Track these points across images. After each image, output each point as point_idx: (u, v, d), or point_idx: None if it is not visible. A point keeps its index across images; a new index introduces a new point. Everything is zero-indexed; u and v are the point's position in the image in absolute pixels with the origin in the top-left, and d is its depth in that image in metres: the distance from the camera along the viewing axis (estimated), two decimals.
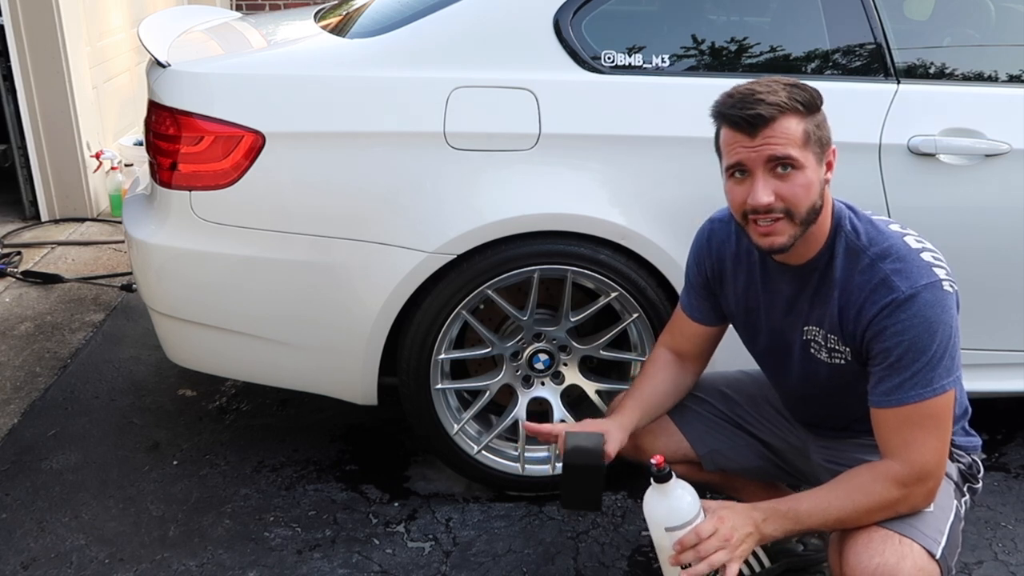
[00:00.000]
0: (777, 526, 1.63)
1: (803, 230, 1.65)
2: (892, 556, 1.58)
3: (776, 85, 1.62)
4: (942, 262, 1.64)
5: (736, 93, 1.63)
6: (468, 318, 2.34)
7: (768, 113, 1.58)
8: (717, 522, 1.59)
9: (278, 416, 2.93)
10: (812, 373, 1.81)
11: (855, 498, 1.62)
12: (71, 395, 3.04)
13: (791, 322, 1.79)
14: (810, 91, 1.63)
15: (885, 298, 1.61)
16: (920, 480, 1.61)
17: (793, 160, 1.59)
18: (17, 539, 2.35)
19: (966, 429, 1.84)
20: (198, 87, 2.28)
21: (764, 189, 1.61)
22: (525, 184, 2.25)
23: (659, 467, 1.62)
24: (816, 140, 1.62)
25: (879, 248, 1.65)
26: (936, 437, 1.61)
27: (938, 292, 1.59)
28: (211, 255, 2.32)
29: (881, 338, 1.62)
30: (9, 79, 4.44)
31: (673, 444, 2.03)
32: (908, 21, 2.54)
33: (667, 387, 2.00)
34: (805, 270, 1.73)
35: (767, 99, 1.58)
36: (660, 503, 1.64)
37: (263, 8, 6.65)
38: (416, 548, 2.34)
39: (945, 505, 1.70)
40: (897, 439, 1.62)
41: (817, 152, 1.63)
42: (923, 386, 1.59)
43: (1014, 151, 2.32)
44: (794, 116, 1.60)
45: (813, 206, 1.63)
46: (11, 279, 3.92)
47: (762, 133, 1.59)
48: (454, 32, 2.30)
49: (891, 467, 1.62)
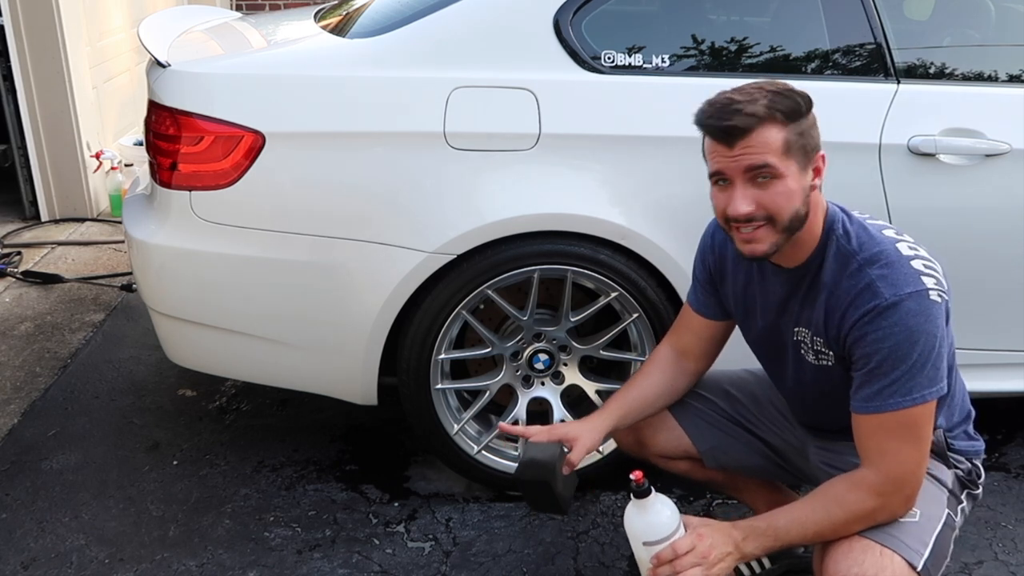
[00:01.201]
0: (757, 544, 1.62)
1: (786, 237, 1.65)
2: (871, 567, 1.57)
3: (758, 92, 1.60)
4: (934, 271, 1.62)
5: (716, 102, 1.62)
6: (468, 318, 2.34)
7: (744, 124, 1.57)
8: (696, 539, 1.59)
9: (278, 416, 2.93)
10: (802, 374, 1.81)
11: (831, 510, 1.61)
12: (71, 395, 3.04)
13: (784, 323, 1.80)
14: (795, 98, 1.60)
15: (868, 303, 1.59)
16: (896, 488, 1.60)
17: (772, 169, 1.59)
18: (17, 539, 2.35)
19: (969, 433, 1.82)
20: (198, 87, 2.28)
21: (743, 198, 1.61)
22: (525, 184, 2.25)
23: (638, 483, 1.62)
24: (799, 148, 1.60)
25: (868, 253, 1.64)
26: (913, 446, 1.60)
27: (923, 301, 1.57)
28: (211, 255, 2.32)
29: (862, 343, 1.61)
30: (9, 79, 4.44)
31: (674, 440, 2.04)
32: (908, 21, 2.54)
33: (659, 388, 2.00)
34: (797, 273, 1.73)
35: (744, 109, 1.57)
36: (639, 517, 1.65)
37: (263, 8, 6.65)
38: (416, 548, 2.34)
39: (933, 515, 1.68)
40: (873, 446, 1.62)
41: (800, 160, 1.61)
42: (902, 395, 1.58)
43: (1014, 151, 2.32)
44: (773, 125, 1.58)
45: (796, 214, 1.62)
46: (11, 279, 3.92)
47: (740, 144, 1.58)
48: (454, 32, 2.30)
49: (866, 476, 1.62)
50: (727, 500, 2.49)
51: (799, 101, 1.60)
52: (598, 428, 1.90)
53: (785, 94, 1.60)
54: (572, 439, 1.86)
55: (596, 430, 1.89)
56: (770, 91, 1.60)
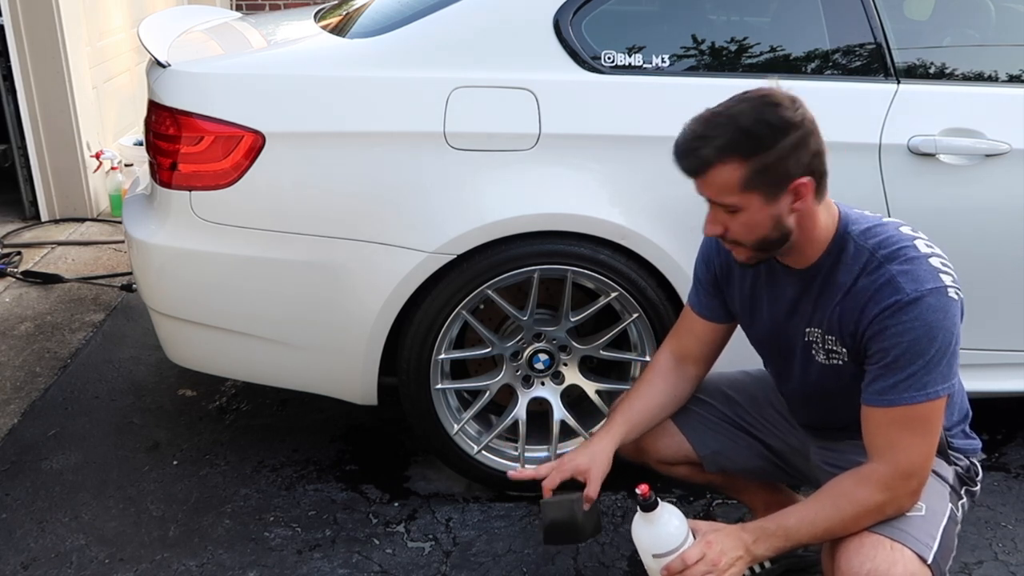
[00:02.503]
0: (768, 545, 1.63)
1: (763, 255, 1.69)
2: (883, 562, 1.58)
3: (725, 124, 1.57)
4: (949, 269, 1.64)
5: (684, 132, 1.62)
6: (468, 318, 2.34)
7: (696, 167, 1.61)
8: (704, 547, 1.60)
9: (278, 416, 2.93)
10: (809, 374, 1.81)
11: (840, 506, 1.62)
12: (71, 395, 3.04)
13: (795, 324, 1.79)
14: (762, 130, 1.56)
15: (889, 298, 1.60)
16: (904, 480, 1.61)
17: (729, 205, 1.62)
18: (17, 539, 2.35)
19: (966, 432, 1.84)
20: (198, 87, 2.28)
21: (711, 223, 1.68)
22: (525, 184, 2.25)
23: (644, 496, 1.62)
24: (761, 181, 1.59)
25: (888, 250, 1.65)
26: (923, 440, 1.62)
27: (943, 298, 1.59)
28: (211, 255, 2.31)
29: (881, 337, 1.62)
30: (9, 79, 4.43)
31: (675, 445, 2.04)
32: (908, 21, 2.54)
33: (662, 398, 1.99)
34: (808, 274, 1.73)
35: (700, 149, 1.58)
36: (647, 530, 1.65)
37: (263, 8, 6.65)
38: (416, 548, 2.34)
39: (938, 509, 1.69)
40: (883, 439, 1.63)
41: (766, 191, 1.60)
42: (916, 389, 1.59)
43: (1014, 151, 2.32)
44: (730, 163, 1.58)
45: (763, 238, 1.65)
46: (11, 279, 3.92)
47: (698, 180, 1.63)
48: (454, 32, 2.30)
49: (875, 469, 1.63)
50: (727, 500, 2.49)
51: (763, 135, 1.56)
52: (606, 451, 1.89)
53: (749, 129, 1.56)
54: (584, 472, 1.85)
55: (604, 453, 1.88)
56: (738, 127, 1.57)
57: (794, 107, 1.58)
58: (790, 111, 1.57)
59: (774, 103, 1.58)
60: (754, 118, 1.57)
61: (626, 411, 1.97)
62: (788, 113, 1.57)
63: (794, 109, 1.58)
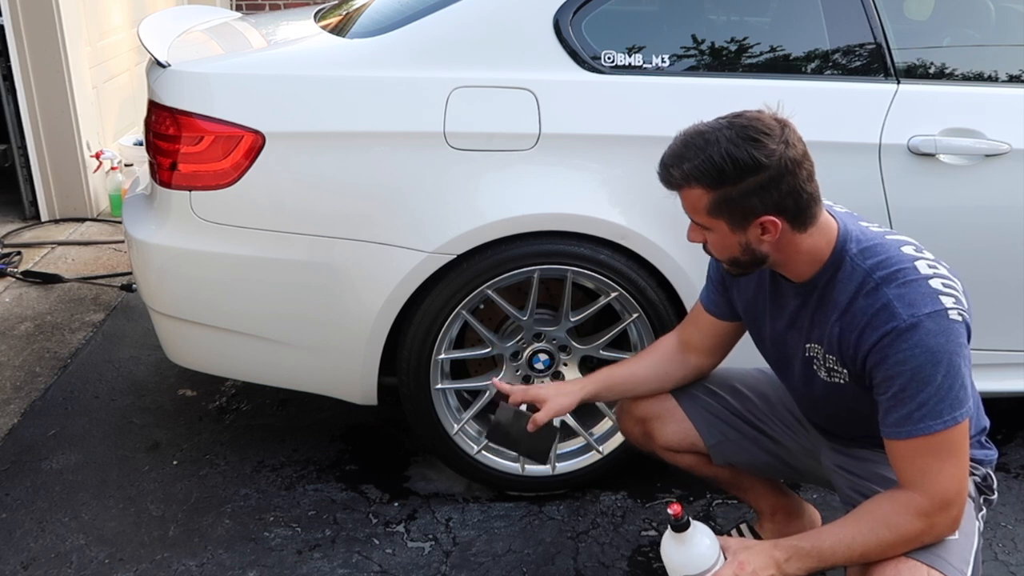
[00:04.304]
0: (800, 565, 1.59)
1: (741, 271, 1.73)
2: None
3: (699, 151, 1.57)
4: (953, 290, 1.58)
5: (671, 144, 1.65)
6: (468, 318, 2.34)
7: (668, 183, 1.65)
8: (737, 568, 1.56)
9: (278, 416, 2.93)
10: (815, 388, 1.80)
11: (879, 532, 1.58)
12: (71, 395, 3.04)
13: (794, 336, 1.78)
14: (727, 166, 1.55)
15: (886, 325, 1.56)
16: (943, 509, 1.57)
17: (700, 223, 1.66)
18: (17, 539, 2.35)
19: (983, 443, 1.80)
20: (198, 87, 2.28)
21: (692, 231, 1.71)
22: (525, 184, 2.25)
23: (677, 517, 1.58)
24: (726, 211, 1.60)
25: (885, 272, 1.60)
26: (953, 464, 1.57)
27: (942, 321, 1.54)
28: (211, 255, 2.32)
29: (883, 367, 1.58)
30: (9, 79, 4.43)
31: (681, 432, 2.03)
32: (908, 21, 2.54)
33: (649, 372, 2.02)
34: (805, 288, 1.71)
35: (672, 169, 1.62)
36: (678, 551, 1.61)
37: (263, 8, 6.65)
38: (416, 548, 2.34)
39: (969, 530, 1.66)
40: (913, 469, 1.58)
41: (731, 220, 1.61)
42: (933, 417, 1.54)
43: (1014, 151, 2.32)
44: (698, 187, 1.60)
45: (735, 259, 1.68)
46: (11, 279, 3.92)
47: (677, 192, 1.66)
48: (454, 32, 2.30)
49: (912, 498, 1.58)
50: (727, 500, 2.49)
51: (728, 170, 1.55)
52: (573, 392, 1.96)
53: (717, 162, 1.55)
54: (541, 400, 1.94)
55: (570, 394, 1.96)
56: (706, 155, 1.56)
57: (777, 141, 1.54)
58: (767, 148, 1.54)
59: (754, 137, 1.55)
60: (724, 151, 1.55)
61: (609, 371, 2.04)
62: (763, 152, 1.54)
63: (776, 142, 1.54)
